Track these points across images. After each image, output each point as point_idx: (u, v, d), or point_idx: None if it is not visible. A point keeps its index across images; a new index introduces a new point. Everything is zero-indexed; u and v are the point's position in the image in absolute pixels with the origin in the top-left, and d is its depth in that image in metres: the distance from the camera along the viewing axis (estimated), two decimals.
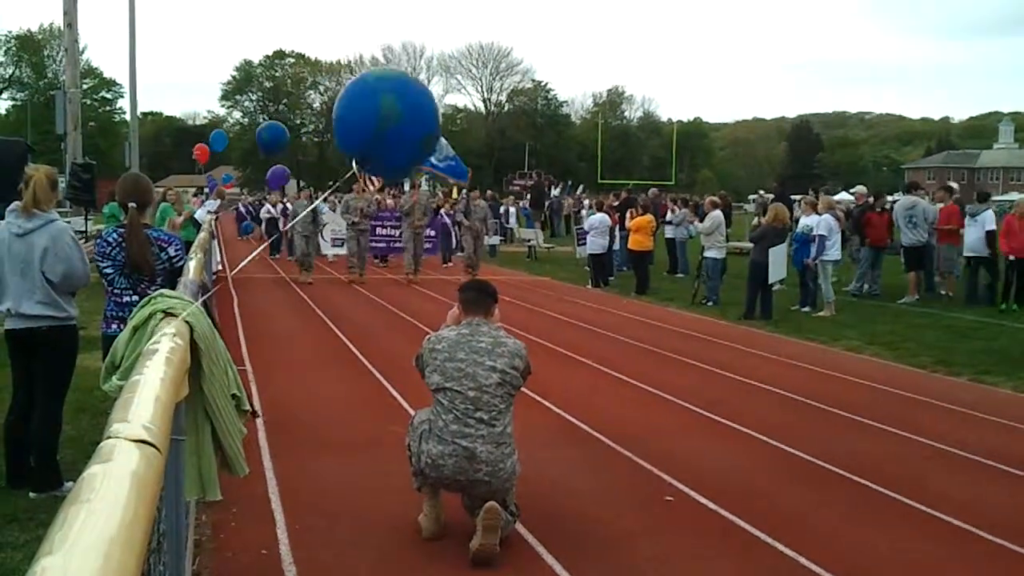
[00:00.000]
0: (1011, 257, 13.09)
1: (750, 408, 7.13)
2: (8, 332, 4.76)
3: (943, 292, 14.72)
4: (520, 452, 4.28)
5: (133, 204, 4.72)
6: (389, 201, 20.20)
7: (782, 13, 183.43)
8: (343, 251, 17.89)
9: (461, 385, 4.09)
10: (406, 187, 19.20)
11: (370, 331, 10.87)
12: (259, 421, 6.21)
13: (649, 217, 16.08)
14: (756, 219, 15.26)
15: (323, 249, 19.87)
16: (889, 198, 17.29)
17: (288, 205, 21.94)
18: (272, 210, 24.07)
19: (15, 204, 4.67)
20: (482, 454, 4.04)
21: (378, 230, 18.22)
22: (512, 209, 29.54)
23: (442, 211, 21.19)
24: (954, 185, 19.59)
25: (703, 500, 4.89)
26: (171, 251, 4.77)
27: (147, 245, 4.69)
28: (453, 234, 20.40)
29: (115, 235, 4.78)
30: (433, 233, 19.52)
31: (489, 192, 29.49)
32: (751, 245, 13.13)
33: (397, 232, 17.96)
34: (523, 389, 4.41)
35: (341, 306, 13.16)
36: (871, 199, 15.91)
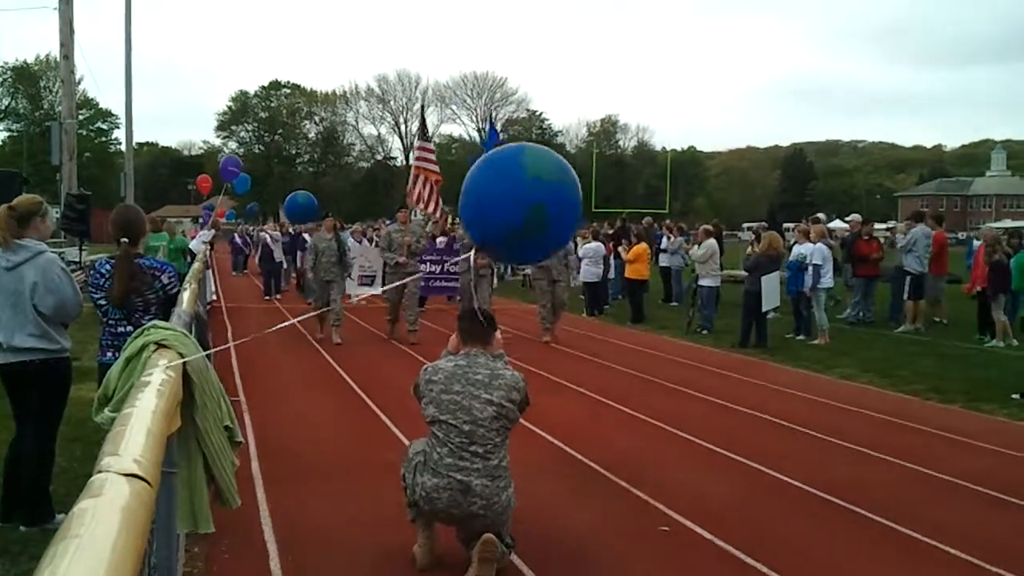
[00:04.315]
0: (977, 288, 13.02)
1: (745, 436, 7.12)
2: (1, 367, 4.73)
3: (936, 319, 14.76)
4: (515, 482, 4.25)
5: (125, 239, 4.71)
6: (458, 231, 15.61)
7: (775, 42, 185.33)
8: (373, 291, 14.61)
9: (456, 418, 4.05)
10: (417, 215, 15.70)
11: (365, 360, 10.84)
12: (252, 451, 6.18)
13: (645, 246, 16.17)
14: (750, 248, 15.29)
15: (349, 290, 15.11)
16: (880, 226, 17.35)
17: (305, 237, 18.04)
18: (270, 238, 20.03)
19: None
20: (477, 488, 4.01)
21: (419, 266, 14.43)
22: None
23: None
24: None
25: (699, 530, 4.87)
26: (164, 279, 4.77)
27: (133, 282, 4.67)
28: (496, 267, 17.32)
29: (107, 267, 4.78)
30: None
31: None
32: (745, 273, 13.18)
33: (438, 268, 15.26)
34: None
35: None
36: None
